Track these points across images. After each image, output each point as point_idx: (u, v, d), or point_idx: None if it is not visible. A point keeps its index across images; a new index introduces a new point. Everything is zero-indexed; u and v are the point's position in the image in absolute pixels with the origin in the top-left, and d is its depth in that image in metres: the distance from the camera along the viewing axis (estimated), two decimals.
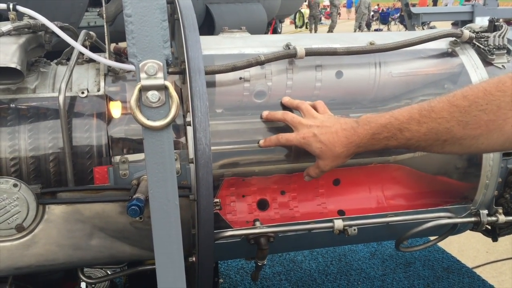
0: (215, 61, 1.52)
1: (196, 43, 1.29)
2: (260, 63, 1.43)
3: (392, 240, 1.72)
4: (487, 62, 1.64)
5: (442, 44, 1.69)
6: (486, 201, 1.59)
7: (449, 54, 1.68)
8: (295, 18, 26.27)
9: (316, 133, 1.38)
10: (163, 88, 0.96)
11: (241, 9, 10.43)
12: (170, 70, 1.39)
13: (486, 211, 1.59)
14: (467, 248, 3.35)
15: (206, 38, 1.58)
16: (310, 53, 1.49)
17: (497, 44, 1.64)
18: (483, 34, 1.70)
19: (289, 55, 1.48)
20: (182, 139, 1.46)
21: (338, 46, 1.54)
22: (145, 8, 0.94)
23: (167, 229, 1.02)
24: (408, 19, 6.14)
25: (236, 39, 1.60)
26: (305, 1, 22.73)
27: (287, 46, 1.53)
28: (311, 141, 1.38)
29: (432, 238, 1.81)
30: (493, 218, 1.59)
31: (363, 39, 1.63)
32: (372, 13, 23.01)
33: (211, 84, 1.55)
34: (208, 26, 9.41)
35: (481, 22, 1.90)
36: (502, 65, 1.64)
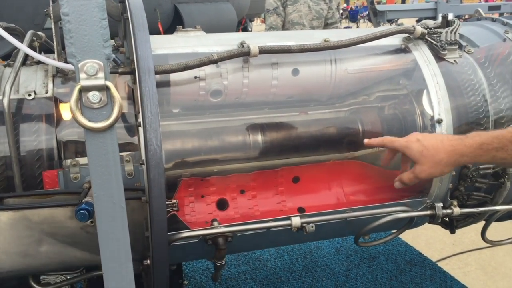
0: (168, 60, 1.49)
1: (145, 42, 1.26)
2: (213, 61, 1.42)
3: (352, 236, 1.73)
4: (439, 58, 1.66)
5: (396, 41, 1.70)
6: (441, 194, 1.61)
7: (403, 50, 1.70)
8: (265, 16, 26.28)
9: (420, 138, 1.37)
10: (104, 89, 0.93)
11: (211, 9, 10.38)
12: (120, 70, 1.36)
13: (441, 204, 1.61)
14: (434, 241, 3.40)
15: (159, 37, 1.56)
16: (263, 51, 1.48)
17: (449, 39, 1.67)
18: (436, 30, 1.72)
19: (242, 53, 1.47)
20: (136, 140, 1.43)
21: (292, 43, 1.54)
22: (83, 6, 0.91)
23: (114, 233, 1.00)
24: (374, 16, 6.23)
25: (190, 38, 1.58)
26: None
27: (241, 44, 1.52)
28: (413, 145, 1.37)
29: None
30: (448, 211, 1.62)
31: (318, 36, 1.64)
32: (341, 11, 23.23)
33: (165, 84, 1.53)
34: (177, 26, 9.32)
35: None
36: (454, 60, 1.67)
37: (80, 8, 0.91)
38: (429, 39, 1.68)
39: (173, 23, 9.43)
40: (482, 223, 1.91)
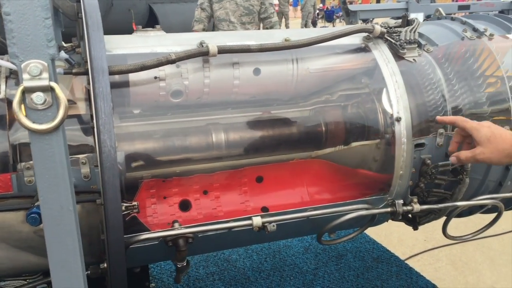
0: (127, 60, 1.47)
1: (99, 42, 1.24)
2: (171, 61, 1.40)
3: (315, 234, 1.73)
4: (398, 56, 1.68)
5: (357, 40, 1.71)
6: (401, 191, 1.63)
7: (363, 49, 1.71)
8: None
9: (491, 125, 1.42)
10: (49, 89, 0.91)
11: (186, 9, 10.27)
12: (74, 70, 1.34)
13: (401, 201, 1.63)
14: (406, 237, 3.44)
15: (117, 37, 1.54)
16: (222, 50, 1.47)
17: (408, 38, 1.69)
18: (395, 29, 1.74)
19: (201, 53, 1.46)
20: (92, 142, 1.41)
21: (252, 43, 1.54)
22: (25, 6, 0.89)
23: (61, 237, 0.98)
24: (346, 16, 6.25)
25: (149, 38, 1.56)
26: None
27: (201, 44, 1.51)
28: (483, 129, 1.41)
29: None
30: (409, 208, 1.63)
31: (279, 36, 1.64)
32: (317, 11, 23.31)
33: (124, 84, 1.51)
34: (151, 27, 9.22)
35: None
36: (413, 59, 1.69)
37: (22, 8, 0.89)
38: (389, 38, 1.70)
39: (147, 23, 9.34)
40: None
